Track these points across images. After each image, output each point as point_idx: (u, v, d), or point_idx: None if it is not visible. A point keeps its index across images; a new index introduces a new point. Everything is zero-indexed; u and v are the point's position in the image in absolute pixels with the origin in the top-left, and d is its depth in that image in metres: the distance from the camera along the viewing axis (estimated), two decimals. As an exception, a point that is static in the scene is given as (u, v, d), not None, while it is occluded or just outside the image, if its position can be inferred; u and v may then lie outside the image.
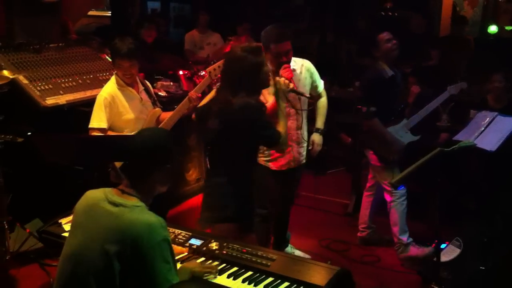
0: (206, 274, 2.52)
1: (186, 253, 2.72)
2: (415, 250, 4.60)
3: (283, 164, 4.09)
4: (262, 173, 3.93)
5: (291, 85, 3.43)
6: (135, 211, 2.27)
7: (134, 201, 2.32)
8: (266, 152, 4.02)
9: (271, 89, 3.41)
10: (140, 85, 4.11)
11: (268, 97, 3.53)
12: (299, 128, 4.07)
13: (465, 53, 7.16)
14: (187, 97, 3.97)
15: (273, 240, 4.44)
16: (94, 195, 2.39)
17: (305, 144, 4.20)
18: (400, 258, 4.65)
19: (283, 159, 4.06)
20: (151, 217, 2.27)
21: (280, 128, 3.21)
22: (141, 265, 2.19)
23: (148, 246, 2.18)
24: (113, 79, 4.02)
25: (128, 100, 3.98)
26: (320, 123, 4.31)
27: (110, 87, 3.97)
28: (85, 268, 2.25)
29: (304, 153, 4.23)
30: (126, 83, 3.98)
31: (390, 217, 4.67)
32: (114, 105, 3.90)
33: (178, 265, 2.56)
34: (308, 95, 3.87)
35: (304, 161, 4.25)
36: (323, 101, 4.34)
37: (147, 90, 4.19)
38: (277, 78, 3.38)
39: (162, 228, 2.25)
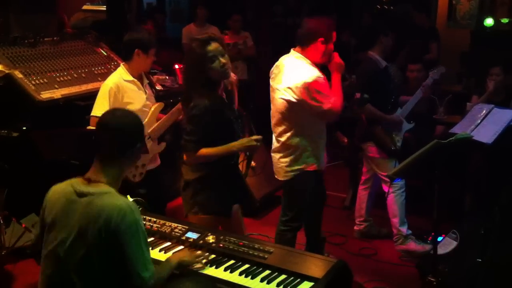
0: (195, 264, 2.54)
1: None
2: (414, 245, 4.62)
3: (324, 163, 3.99)
4: (311, 179, 3.85)
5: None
6: (104, 197, 2.27)
7: (102, 188, 2.31)
8: (316, 155, 3.83)
9: None
10: (145, 79, 4.12)
11: None
12: None
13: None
14: None
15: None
16: (61, 189, 2.38)
17: None
18: (398, 250, 4.66)
19: (323, 159, 3.95)
20: (121, 201, 2.27)
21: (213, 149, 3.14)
22: (116, 249, 2.21)
23: (120, 229, 2.20)
24: (119, 70, 4.00)
25: (133, 92, 3.97)
26: None
27: (116, 78, 3.95)
28: (66, 263, 2.26)
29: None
30: (133, 75, 3.97)
31: (388, 209, 4.67)
32: (118, 95, 3.88)
33: (167, 255, 2.61)
34: None
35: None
36: None
37: (151, 84, 4.20)
38: None
39: (132, 212, 2.25)
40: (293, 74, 3.56)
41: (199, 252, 2.64)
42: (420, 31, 7.08)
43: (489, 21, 7.63)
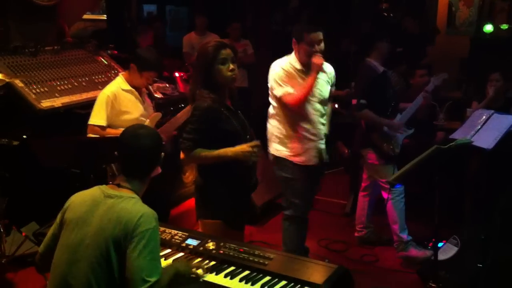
0: (192, 275, 2.51)
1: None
2: (415, 252, 4.60)
3: (305, 160, 4.05)
4: (288, 167, 4.01)
5: None
6: (131, 201, 2.37)
7: (129, 193, 2.42)
8: (289, 146, 4.02)
9: None
10: (144, 89, 4.13)
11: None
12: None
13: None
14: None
15: None
16: (89, 192, 2.47)
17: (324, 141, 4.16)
18: (399, 256, 4.65)
19: (305, 154, 4.03)
20: (144, 207, 2.37)
21: (209, 153, 3.11)
22: (129, 250, 2.24)
23: (139, 233, 2.25)
24: (118, 79, 4.02)
25: (131, 101, 3.98)
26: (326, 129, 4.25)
27: (115, 86, 3.97)
28: (84, 263, 2.28)
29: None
30: (132, 85, 3.99)
31: (388, 215, 4.67)
32: (116, 104, 3.89)
33: (167, 262, 2.63)
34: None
35: (327, 159, 4.21)
36: (330, 108, 4.28)
37: (149, 94, 4.21)
38: None
39: (153, 218, 2.34)
40: None
41: (196, 261, 2.63)
42: (412, 37, 7.12)
43: (488, 28, 7.65)
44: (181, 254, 2.75)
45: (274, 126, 4.06)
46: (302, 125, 3.99)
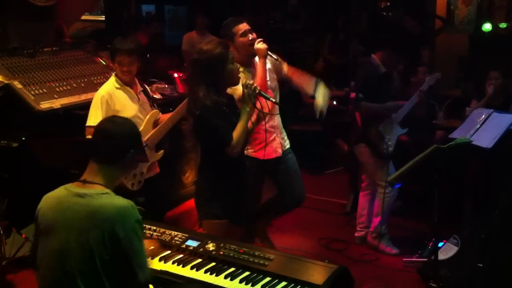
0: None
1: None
2: (383, 246, 4.75)
3: (270, 153, 4.05)
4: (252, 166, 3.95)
5: (257, 88, 3.27)
6: (103, 197, 2.31)
7: (99, 188, 2.34)
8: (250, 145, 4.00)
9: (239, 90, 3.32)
10: (138, 86, 4.11)
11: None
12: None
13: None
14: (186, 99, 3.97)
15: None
16: (57, 195, 2.40)
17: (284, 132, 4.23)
18: (368, 240, 4.83)
19: (269, 147, 3.99)
20: (121, 200, 2.32)
21: (236, 131, 3.15)
22: (119, 248, 2.23)
23: (124, 229, 2.24)
24: (112, 79, 4.01)
25: (125, 99, 3.97)
26: None
27: (109, 86, 3.97)
28: (69, 266, 2.26)
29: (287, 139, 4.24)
30: (125, 82, 3.97)
31: (374, 207, 4.76)
32: (111, 103, 3.89)
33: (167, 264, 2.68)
34: (275, 100, 3.59)
35: (288, 146, 4.24)
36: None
37: (145, 91, 4.19)
38: (244, 81, 3.27)
39: (133, 209, 2.31)
40: None
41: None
42: (411, 37, 7.10)
43: (487, 26, 7.64)
44: (181, 255, 2.75)
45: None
46: None
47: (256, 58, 3.91)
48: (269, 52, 3.90)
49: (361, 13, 8.89)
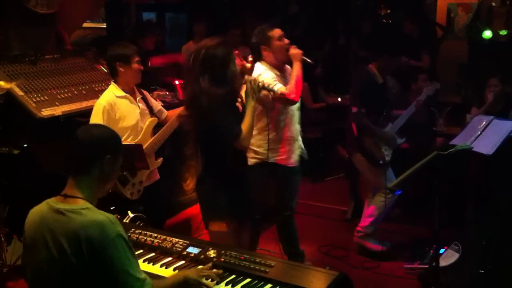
0: (202, 281, 2.47)
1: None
2: (370, 244, 4.80)
3: (292, 162, 4.07)
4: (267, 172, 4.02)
5: (260, 83, 3.34)
6: (83, 213, 2.21)
7: (80, 203, 2.25)
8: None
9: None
10: (137, 94, 4.11)
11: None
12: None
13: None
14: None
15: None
16: (39, 210, 2.33)
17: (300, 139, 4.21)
18: (355, 241, 4.87)
19: (293, 155, 4.05)
20: (100, 216, 2.22)
21: (244, 125, 3.18)
22: (100, 264, 2.17)
23: (103, 245, 2.16)
24: (111, 87, 4.01)
25: (126, 108, 3.97)
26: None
27: (108, 95, 3.96)
28: (52, 284, 2.22)
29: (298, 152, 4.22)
30: (125, 90, 3.98)
31: (367, 208, 4.80)
32: (112, 113, 3.89)
33: (168, 270, 2.61)
34: (280, 90, 3.71)
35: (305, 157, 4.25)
36: None
37: (144, 99, 4.19)
38: (246, 77, 3.34)
39: (113, 225, 2.20)
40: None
41: (212, 271, 2.58)
42: (410, 40, 7.13)
43: (487, 34, 7.66)
44: (182, 262, 2.75)
45: None
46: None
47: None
48: (304, 57, 3.92)
49: (362, 18, 8.93)
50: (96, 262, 2.16)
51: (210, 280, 2.50)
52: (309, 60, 3.96)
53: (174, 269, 2.69)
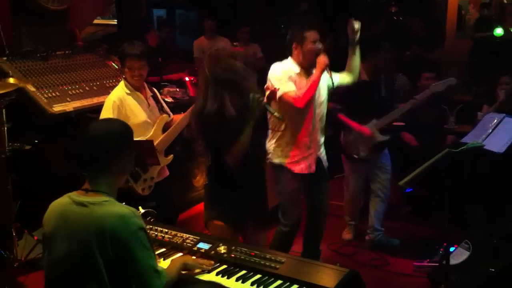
0: (198, 269, 2.58)
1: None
2: (380, 242, 4.91)
3: (303, 168, 4.01)
4: (283, 176, 3.99)
5: (264, 102, 3.27)
6: (105, 205, 2.25)
7: (101, 197, 2.29)
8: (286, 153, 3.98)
9: None
10: (148, 91, 4.13)
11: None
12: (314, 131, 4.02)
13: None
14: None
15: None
16: (60, 203, 2.36)
17: (323, 148, 4.15)
18: (367, 240, 4.95)
19: (304, 161, 3.99)
20: (123, 208, 2.27)
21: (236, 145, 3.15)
22: (123, 257, 2.20)
23: (126, 237, 2.19)
24: (121, 84, 4.03)
25: (136, 105, 3.99)
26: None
27: (119, 91, 3.98)
28: (73, 276, 2.25)
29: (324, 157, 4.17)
30: (135, 87, 3.99)
31: (371, 208, 4.94)
32: (122, 109, 3.91)
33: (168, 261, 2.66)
34: (279, 115, 3.44)
35: (326, 164, 4.20)
36: None
37: (154, 96, 4.20)
38: (251, 95, 3.23)
39: (135, 217, 2.25)
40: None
41: (204, 260, 2.66)
42: (416, 39, 7.11)
43: (498, 31, 7.62)
44: (193, 258, 2.76)
45: None
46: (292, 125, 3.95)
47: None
48: (328, 69, 3.88)
49: (370, 17, 8.90)
50: (118, 253, 2.20)
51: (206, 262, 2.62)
52: (329, 75, 3.93)
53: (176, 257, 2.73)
